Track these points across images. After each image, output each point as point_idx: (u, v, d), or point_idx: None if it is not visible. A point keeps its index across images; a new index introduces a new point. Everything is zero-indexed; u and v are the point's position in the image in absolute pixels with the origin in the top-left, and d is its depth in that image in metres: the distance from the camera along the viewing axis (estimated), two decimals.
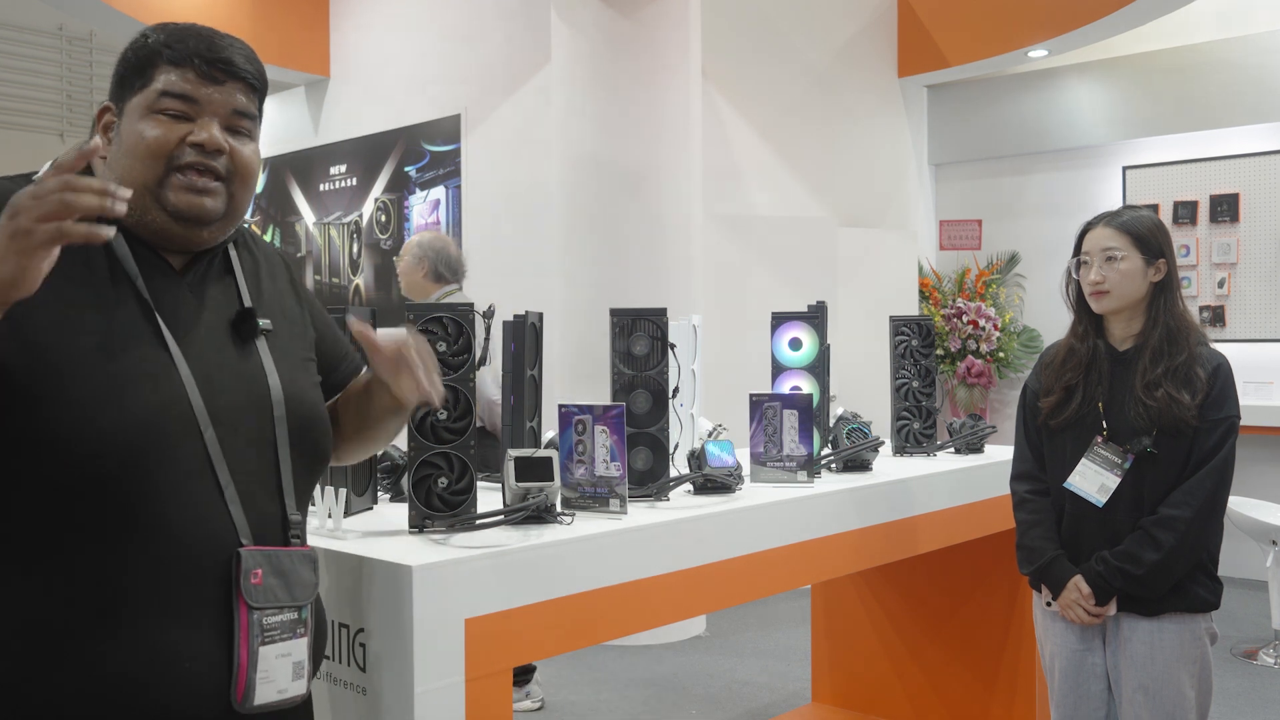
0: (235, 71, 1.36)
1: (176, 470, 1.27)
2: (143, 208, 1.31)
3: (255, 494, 1.35)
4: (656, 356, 2.27)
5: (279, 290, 1.53)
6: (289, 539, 1.38)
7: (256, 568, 1.31)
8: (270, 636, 1.32)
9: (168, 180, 1.31)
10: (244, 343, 1.40)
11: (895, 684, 3.59)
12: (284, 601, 1.34)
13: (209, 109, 1.34)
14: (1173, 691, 2.29)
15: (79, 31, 8.34)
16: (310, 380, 1.49)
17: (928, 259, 7.29)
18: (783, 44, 6.28)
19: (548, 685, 4.36)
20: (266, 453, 1.37)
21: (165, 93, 1.32)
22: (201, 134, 1.32)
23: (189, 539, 1.28)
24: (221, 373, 1.35)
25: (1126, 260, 2.34)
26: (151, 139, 1.31)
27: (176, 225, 1.33)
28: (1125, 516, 2.33)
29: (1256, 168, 6.28)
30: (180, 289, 1.36)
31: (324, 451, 1.48)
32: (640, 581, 1.98)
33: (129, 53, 1.36)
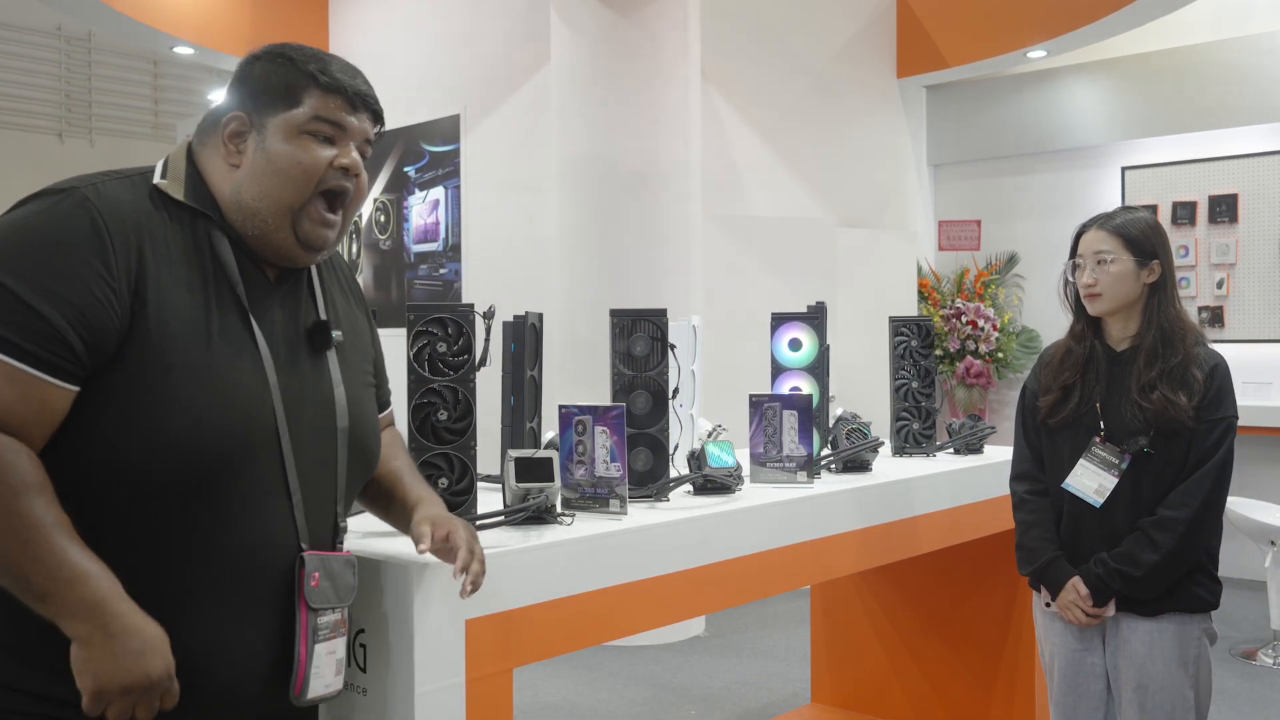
0: (370, 103, 1.44)
1: (254, 476, 1.34)
2: (275, 226, 1.37)
3: (316, 501, 1.42)
4: (656, 357, 2.27)
5: (348, 301, 1.58)
6: (336, 544, 1.47)
7: (315, 571, 1.39)
8: (323, 635, 1.41)
9: (309, 204, 1.38)
10: (317, 354, 1.45)
11: (894, 684, 3.59)
12: (334, 602, 1.43)
13: (351, 135, 1.41)
14: (1172, 692, 2.29)
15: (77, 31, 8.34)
16: (370, 395, 1.55)
17: (927, 259, 7.30)
18: (782, 45, 6.29)
19: (548, 685, 4.36)
20: (328, 462, 1.44)
21: (318, 117, 1.38)
22: (347, 157, 1.40)
23: (258, 541, 1.35)
24: (300, 385, 1.41)
25: (1118, 263, 2.35)
26: (307, 161, 1.37)
27: (299, 250, 1.40)
28: (1124, 517, 2.33)
29: (1255, 168, 6.28)
30: (273, 300, 1.42)
31: (374, 463, 1.56)
32: (640, 582, 1.98)
33: (270, 67, 1.40)
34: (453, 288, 6.18)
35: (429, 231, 6.34)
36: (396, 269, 6.54)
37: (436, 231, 6.29)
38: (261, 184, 1.37)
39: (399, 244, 6.51)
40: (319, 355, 1.45)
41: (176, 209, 1.36)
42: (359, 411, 1.48)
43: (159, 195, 1.36)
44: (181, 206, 1.37)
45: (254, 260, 1.41)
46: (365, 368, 1.56)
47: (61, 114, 8.42)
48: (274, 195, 1.37)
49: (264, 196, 1.37)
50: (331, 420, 1.44)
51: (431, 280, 6.34)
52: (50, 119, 8.38)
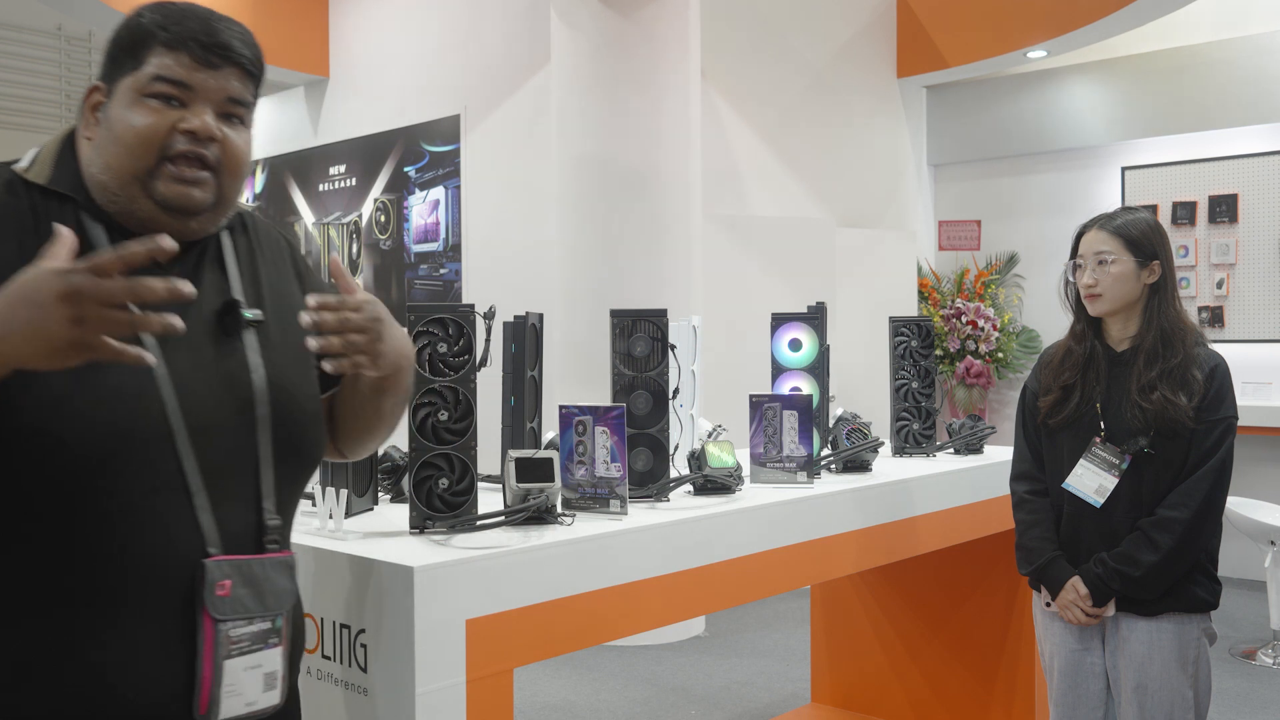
0: (232, 56, 1.28)
1: (144, 477, 1.21)
2: (129, 197, 1.26)
3: (230, 499, 1.28)
4: (657, 357, 2.27)
5: (279, 275, 1.44)
6: (265, 545, 1.31)
7: (224, 579, 1.25)
8: (239, 649, 1.27)
9: (158, 170, 1.25)
10: (229, 337, 1.32)
11: (894, 684, 3.60)
12: (254, 612, 1.28)
13: (203, 95, 1.27)
14: (1171, 691, 2.29)
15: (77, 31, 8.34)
16: (304, 374, 1.40)
17: (927, 259, 7.30)
18: (782, 45, 6.29)
19: (548, 685, 4.37)
20: (246, 455, 1.30)
21: (158, 77, 1.25)
22: (194, 121, 1.25)
23: (153, 548, 1.22)
24: (202, 372, 1.28)
25: (1118, 263, 2.35)
26: (142, 127, 1.24)
27: (164, 215, 1.26)
28: (1124, 517, 2.33)
29: (1255, 168, 6.28)
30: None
31: (312, 451, 1.40)
32: (640, 582, 1.99)
33: (122, 30, 1.29)
34: (453, 288, 6.18)
35: (429, 231, 6.34)
36: (396, 269, 6.55)
37: (437, 231, 6.29)
38: (105, 155, 1.26)
39: (399, 244, 6.51)
40: (233, 338, 1.32)
41: (41, 196, 1.26)
42: (285, 393, 1.34)
43: (20, 183, 1.27)
44: (47, 193, 1.27)
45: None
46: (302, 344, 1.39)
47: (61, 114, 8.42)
48: (116, 166, 1.25)
49: (108, 168, 1.26)
50: (248, 408, 1.30)
51: (431, 280, 6.34)
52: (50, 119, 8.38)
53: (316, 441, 1.41)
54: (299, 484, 1.41)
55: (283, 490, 1.34)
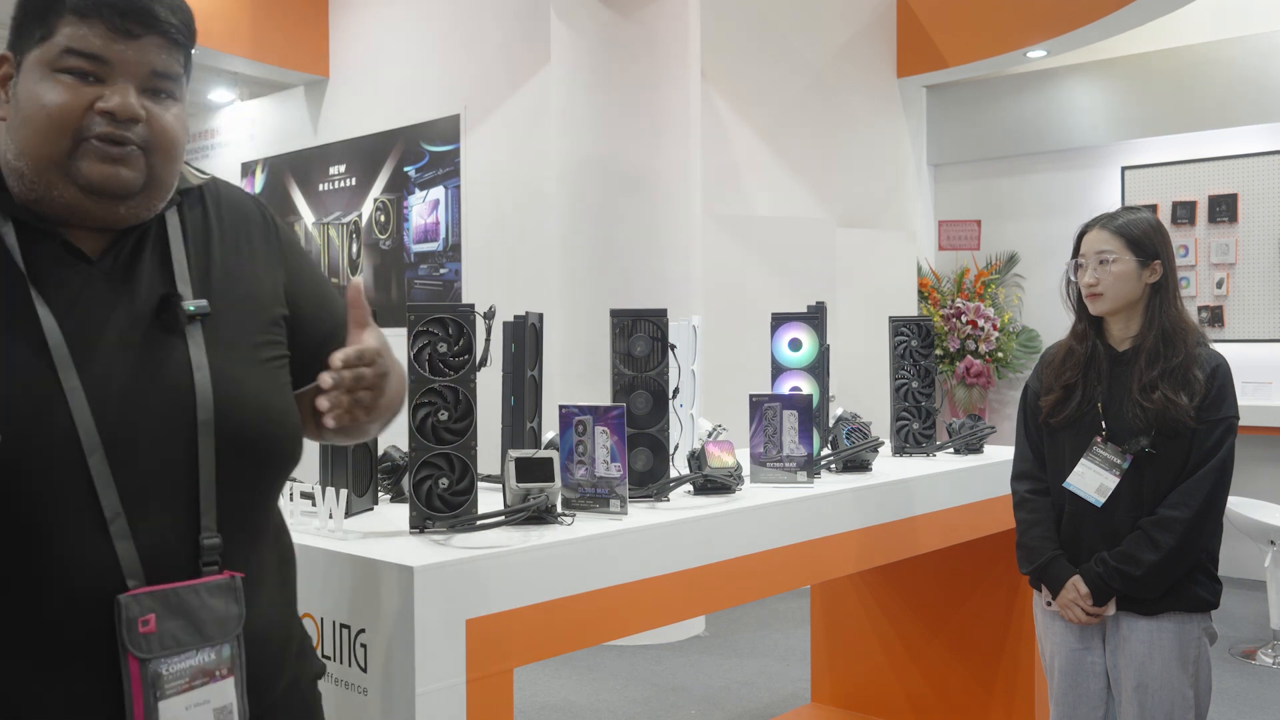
0: (155, 24, 1.13)
1: (51, 503, 1.07)
2: (47, 183, 1.11)
3: (157, 520, 1.13)
4: (657, 357, 2.27)
5: (239, 256, 1.27)
6: (201, 569, 1.15)
7: (145, 613, 1.10)
8: (175, 687, 1.12)
9: (77, 150, 1.10)
10: (168, 334, 1.16)
11: (894, 684, 3.60)
12: (189, 644, 1.13)
13: (122, 70, 1.12)
14: (1171, 691, 2.29)
15: None
16: (260, 369, 1.23)
17: (927, 259, 7.30)
18: (782, 45, 6.29)
19: (548, 685, 4.37)
20: (179, 468, 1.14)
21: (69, 50, 1.10)
22: (113, 99, 1.11)
23: (59, 586, 1.08)
24: (128, 379, 1.13)
25: (1119, 263, 2.35)
26: (54, 107, 1.10)
27: (89, 200, 1.12)
28: (1124, 516, 2.33)
29: (1255, 168, 6.28)
30: (90, 278, 1.15)
31: (269, 454, 1.23)
32: (640, 582, 1.99)
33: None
34: (453, 288, 6.18)
35: (429, 231, 6.34)
36: (396, 269, 6.55)
37: (436, 231, 6.29)
38: (17, 138, 1.12)
39: (399, 244, 6.51)
40: (171, 334, 1.16)
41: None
42: (234, 393, 1.18)
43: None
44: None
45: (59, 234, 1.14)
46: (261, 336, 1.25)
47: None
48: (29, 150, 1.11)
49: (21, 154, 1.11)
50: (186, 413, 1.14)
51: (431, 280, 6.34)
52: None
53: (277, 443, 1.23)
54: (257, 491, 1.24)
55: (229, 503, 1.18)
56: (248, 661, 1.19)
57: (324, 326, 1.33)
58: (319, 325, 1.33)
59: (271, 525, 1.31)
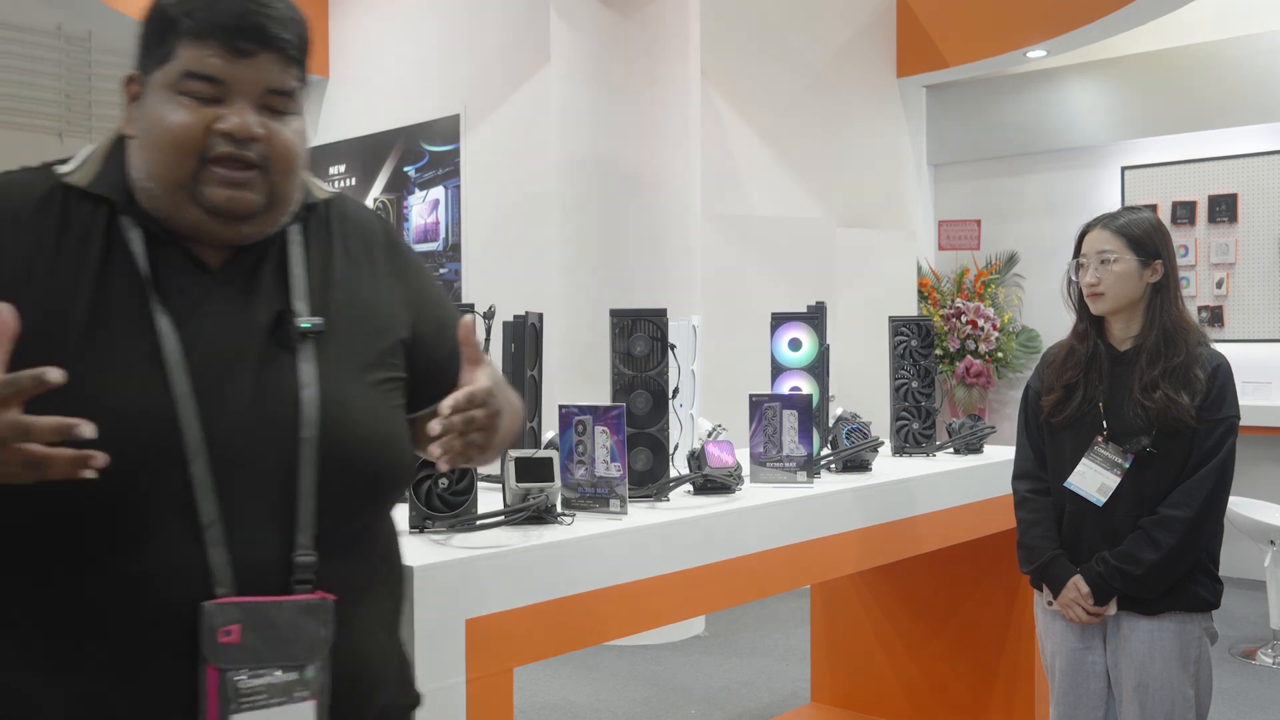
0: (269, 41, 1.14)
1: (149, 506, 1.08)
2: (174, 204, 1.14)
3: (255, 533, 1.12)
4: (656, 357, 2.27)
5: (361, 277, 1.28)
6: (292, 586, 1.14)
7: (230, 623, 1.09)
8: (251, 702, 1.10)
9: (201, 174, 1.13)
10: (282, 352, 1.17)
11: (894, 684, 3.60)
12: (270, 661, 1.11)
13: (239, 89, 1.13)
14: (1172, 691, 2.29)
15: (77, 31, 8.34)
16: (371, 391, 1.23)
17: (927, 259, 7.30)
18: (782, 44, 6.29)
19: (548, 685, 4.36)
20: (281, 482, 1.14)
21: (188, 73, 1.12)
22: (230, 120, 1.12)
23: (149, 588, 1.08)
24: (236, 390, 1.13)
25: (1120, 262, 2.35)
26: (177, 129, 1.12)
27: (215, 222, 1.14)
28: (1125, 516, 2.33)
29: (1255, 168, 6.28)
30: (209, 288, 1.17)
31: (372, 477, 1.21)
32: (640, 582, 1.99)
33: (147, 15, 1.16)
34: (453, 288, 6.18)
35: (429, 231, 6.34)
36: None
37: (436, 231, 6.29)
38: (146, 160, 1.14)
39: None
40: (284, 351, 1.17)
41: (79, 199, 1.15)
42: (342, 415, 1.17)
43: (59, 192, 1.16)
44: (85, 196, 1.15)
45: (183, 247, 1.16)
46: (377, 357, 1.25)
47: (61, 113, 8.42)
48: (156, 172, 1.13)
49: (151, 175, 1.14)
50: (292, 429, 1.14)
51: None
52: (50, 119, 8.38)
53: (380, 466, 1.22)
54: (359, 515, 1.23)
55: (329, 523, 1.16)
56: (337, 687, 1.17)
57: (444, 349, 1.31)
58: (439, 347, 1.32)
59: (378, 548, 1.29)
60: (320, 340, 1.19)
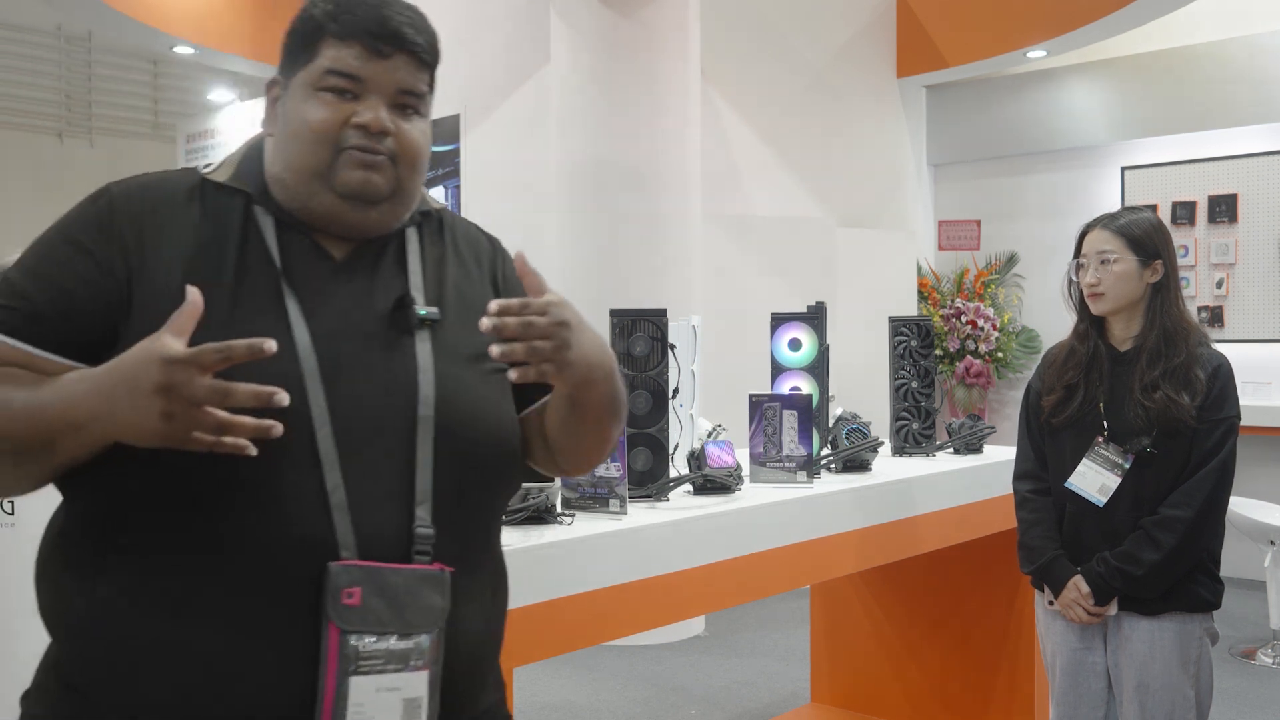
0: (404, 44, 1.24)
1: (276, 469, 1.13)
2: (309, 192, 1.23)
3: (377, 503, 1.17)
4: (656, 357, 2.27)
5: (469, 280, 1.37)
6: (412, 556, 1.18)
7: (353, 585, 1.13)
8: (368, 666, 1.13)
9: (336, 161, 1.22)
10: (402, 336, 1.25)
11: (894, 684, 3.60)
12: (390, 627, 1.14)
13: (374, 87, 1.23)
14: (1172, 691, 2.29)
15: (77, 31, 8.34)
16: (484, 381, 1.29)
17: (926, 259, 7.30)
18: (782, 45, 6.29)
19: (548, 685, 4.36)
20: (400, 459, 1.20)
21: (330, 70, 1.22)
22: (366, 115, 1.22)
23: (274, 546, 1.13)
24: (360, 369, 1.21)
25: (1121, 263, 2.35)
26: (316, 122, 1.21)
27: (345, 205, 1.23)
28: (1126, 516, 2.34)
29: (1255, 168, 6.28)
30: (335, 277, 1.25)
31: (485, 461, 1.27)
32: (640, 582, 1.99)
33: (295, 24, 1.27)
34: None
35: None
36: None
37: None
38: (283, 151, 1.24)
39: None
40: (402, 337, 1.25)
41: (217, 193, 1.25)
42: (455, 397, 1.24)
43: (200, 188, 1.26)
44: (223, 190, 1.26)
45: (311, 237, 1.25)
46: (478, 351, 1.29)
47: (61, 114, 8.42)
48: (294, 163, 1.23)
49: (288, 166, 1.23)
50: (410, 408, 1.21)
51: None
52: (50, 119, 8.38)
53: (493, 450, 1.28)
54: (473, 500, 1.27)
55: (445, 503, 1.21)
56: (449, 668, 1.20)
57: None
58: None
59: (491, 549, 1.35)
60: (435, 329, 1.27)
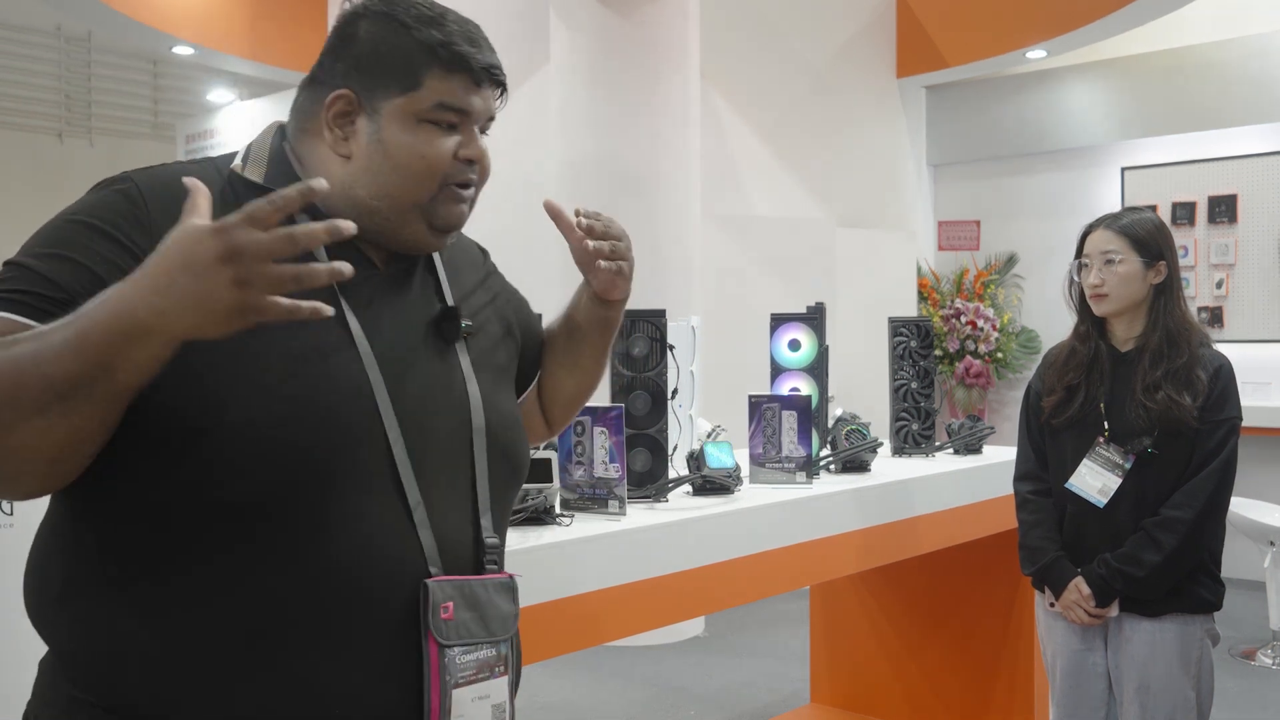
0: (496, 75, 1.22)
1: (356, 482, 1.10)
2: (403, 222, 1.19)
3: (447, 514, 1.17)
4: (655, 358, 2.27)
5: (481, 285, 1.38)
6: (484, 565, 1.20)
7: (447, 600, 1.13)
8: (465, 678, 1.14)
9: (440, 195, 1.20)
10: (445, 345, 1.24)
11: (894, 685, 3.59)
12: (479, 637, 1.16)
13: (474, 118, 1.21)
14: (1173, 692, 2.29)
15: (77, 31, 8.34)
16: (507, 388, 1.33)
17: (926, 260, 7.30)
18: (782, 45, 6.28)
19: (548, 686, 4.36)
20: (462, 468, 1.20)
21: (442, 104, 1.18)
22: (473, 148, 1.21)
23: (367, 565, 1.10)
24: (416, 375, 1.18)
25: (1125, 263, 2.35)
26: (432, 157, 1.18)
27: (434, 237, 1.22)
28: (1127, 517, 2.33)
29: (1255, 168, 6.28)
30: (380, 285, 1.21)
31: (522, 466, 1.31)
32: (639, 583, 1.98)
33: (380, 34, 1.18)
34: None
35: None
36: None
37: None
38: (379, 181, 1.18)
39: None
40: (446, 347, 1.24)
41: (251, 193, 1.14)
42: (498, 407, 1.25)
43: (236, 179, 1.18)
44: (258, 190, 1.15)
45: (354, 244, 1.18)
46: (504, 362, 1.34)
47: (61, 114, 8.42)
48: (395, 194, 1.18)
49: (383, 196, 1.18)
50: (465, 419, 1.21)
51: None
52: (50, 119, 8.38)
53: (524, 459, 1.33)
54: (511, 500, 1.32)
55: (498, 506, 1.24)
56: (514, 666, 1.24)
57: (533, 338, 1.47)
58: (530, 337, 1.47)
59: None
60: (470, 340, 1.28)
